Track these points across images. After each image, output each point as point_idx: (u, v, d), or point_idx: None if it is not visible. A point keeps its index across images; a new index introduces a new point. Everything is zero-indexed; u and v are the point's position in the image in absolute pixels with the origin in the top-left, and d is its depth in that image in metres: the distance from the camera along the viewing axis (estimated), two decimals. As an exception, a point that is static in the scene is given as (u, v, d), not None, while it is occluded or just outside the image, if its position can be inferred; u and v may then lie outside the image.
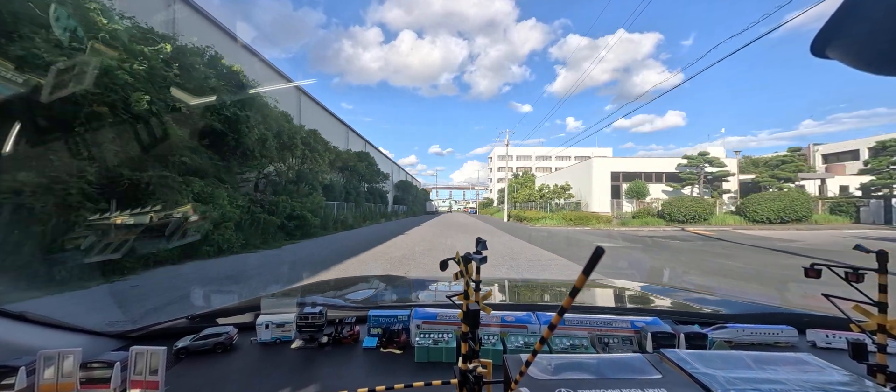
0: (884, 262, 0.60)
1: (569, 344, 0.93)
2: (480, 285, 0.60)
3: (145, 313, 3.94)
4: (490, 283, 1.73)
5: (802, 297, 5.05)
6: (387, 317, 1.05)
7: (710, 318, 1.19)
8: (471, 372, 0.55)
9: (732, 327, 1.04)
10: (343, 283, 2.04)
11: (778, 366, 0.57)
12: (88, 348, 0.87)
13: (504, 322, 1.01)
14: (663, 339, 0.91)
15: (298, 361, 0.92)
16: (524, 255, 8.79)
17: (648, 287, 1.84)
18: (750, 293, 5.26)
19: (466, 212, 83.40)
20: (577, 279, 0.37)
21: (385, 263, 7.56)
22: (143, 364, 0.73)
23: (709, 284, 5.88)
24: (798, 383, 0.51)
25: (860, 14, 0.38)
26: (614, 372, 0.55)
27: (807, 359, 0.60)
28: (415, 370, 0.87)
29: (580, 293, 0.37)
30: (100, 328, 0.98)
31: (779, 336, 1.03)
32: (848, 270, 0.63)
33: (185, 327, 1.10)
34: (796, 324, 1.07)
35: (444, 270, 0.64)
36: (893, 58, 0.39)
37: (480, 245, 0.61)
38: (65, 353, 0.71)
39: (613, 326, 1.00)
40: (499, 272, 6.61)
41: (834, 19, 0.40)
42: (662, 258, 8.67)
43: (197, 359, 0.94)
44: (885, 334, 0.60)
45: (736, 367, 0.56)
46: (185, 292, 4.85)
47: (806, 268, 0.70)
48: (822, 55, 0.44)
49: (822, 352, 1.00)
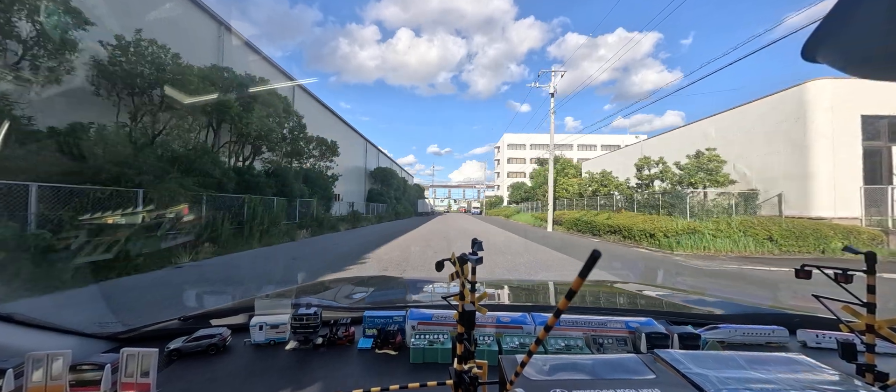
0: (872, 264, 0.61)
1: (564, 345, 0.93)
2: (476, 286, 0.60)
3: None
4: (486, 283, 1.73)
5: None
6: (382, 318, 1.04)
7: (703, 318, 1.21)
8: (466, 373, 0.55)
9: (725, 328, 1.05)
10: (338, 284, 2.03)
11: (769, 366, 0.58)
12: (78, 350, 0.86)
13: (500, 323, 1.01)
14: (657, 340, 0.92)
15: (293, 363, 0.92)
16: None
17: (642, 287, 1.85)
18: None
19: (463, 212, 74.20)
20: (574, 282, 0.37)
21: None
22: (135, 366, 0.72)
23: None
24: (789, 383, 0.52)
25: (848, 20, 0.39)
26: (609, 372, 0.56)
27: (798, 359, 0.61)
28: (410, 371, 0.87)
29: (575, 294, 0.38)
30: (90, 330, 0.97)
31: (770, 336, 1.04)
32: (837, 271, 0.64)
33: (177, 328, 1.09)
34: (787, 324, 1.09)
35: (440, 271, 0.64)
36: (878, 63, 0.40)
37: (476, 246, 0.62)
38: (54, 355, 0.70)
39: (608, 327, 1.00)
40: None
41: (823, 25, 0.41)
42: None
43: (190, 360, 0.93)
44: (873, 334, 0.61)
45: (728, 368, 0.57)
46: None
47: (797, 269, 0.71)
48: (812, 60, 0.45)
49: (812, 352, 1.02)
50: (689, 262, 8.41)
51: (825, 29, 0.41)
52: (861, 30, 0.38)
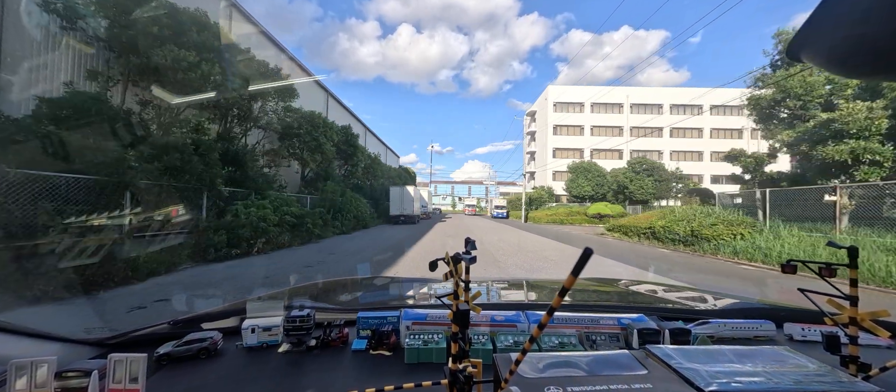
0: (854, 258, 0.63)
1: (557, 342, 0.94)
2: (470, 285, 0.61)
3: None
4: (480, 283, 1.74)
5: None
6: (376, 318, 1.04)
7: (693, 313, 1.23)
8: (461, 372, 0.55)
9: (714, 322, 1.07)
10: (331, 286, 2.01)
11: (757, 359, 0.59)
12: (64, 357, 0.84)
13: (494, 322, 1.01)
14: (649, 336, 0.93)
15: (286, 365, 0.91)
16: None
17: (634, 284, 1.87)
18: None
19: (473, 213, 53.07)
20: (566, 279, 0.37)
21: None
22: (123, 372, 0.70)
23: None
24: (776, 375, 0.53)
25: (830, 20, 0.40)
26: (602, 369, 0.56)
27: (784, 352, 0.63)
28: (405, 371, 0.87)
29: (568, 291, 0.38)
30: (76, 336, 0.94)
31: (758, 330, 1.07)
32: (821, 266, 0.66)
33: (166, 333, 1.07)
34: (774, 318, 1.11)
35: (434, 271, 0.64)
36: (855, 62, 0.42)
37: (470, 245, 0.62)
38: (38, 362, 0.68)
39: (600, 324, 1.01)
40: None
41: (806, 26, 0.42)
42: None
43: (180, 365, 0.91)
44: (856, 326, 0.63)
45: (718, 362, 0.58)
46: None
47: (783, 264, 0.73)
48: (797, 58, 0.46)
49: (798, 344, 1.04)
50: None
51: (809, 28, 0.42)
52: (843, 29, 0.39)
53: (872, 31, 0.37)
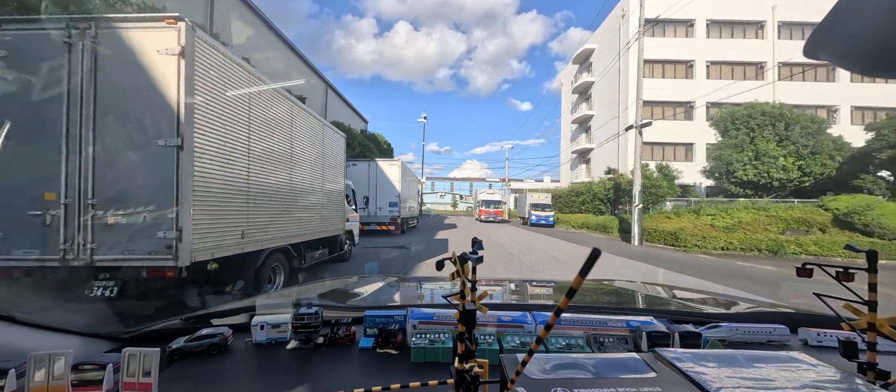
0: (873, 262, 0.61)
1: (564, 343, 0.93)
2: (477, 285, 0.60)
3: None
4: (487, 283, 1.74)
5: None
6: (383, 317, 1.04)
7: (704, 316, 1.20)
8: (467, 372, 0.55)
9: (726, 326, 1.05)
10: (339, 284, 2.03)
11: (770, 364, 0.58)
12: (80, 350, 0.86)
13: (500, 322, 1.01)
14: (658, 339, 0.92)
15: (294, 362, 0.92)
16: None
17: (643, 286, 1.85)
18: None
19: (486, 217, 25.76)
20: (574, 280, 0.37)
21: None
22: (136, 366, 0.72)
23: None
24: (790, 381, 0.52)
25: (849, 18, 0.39)
26: (610, 371, 0.56)
27: (798, 357, 0.61)
28: (411, 370, 0.87)
29: (576, 292, 0.38)
30: (92, 330, 0.97)
31: (771, 334, 1.04)
32: (838, 270, 0.64)
33: (178, 328, 1.09)
34: (788, 322, 1.09)
35: (441, 270, 0.64)
36: (879, 60, 0.40)
37: (476, 245, 0.61)
38: (56, 355, 0.70)
39: (609, 326, 1.00)
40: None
41: (825, 23, 0.41)
42: None
43: (191, 360, 0.93)
44: (875, 332, 0.61)
45: (729, 366, 0.57)
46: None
47: (798, 267, 0.71)
48: (813, 56, 0.45)
49: (813, 350, 1.02)
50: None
51: (826, 26, 0.41)
52: (861, 27, 0.38)
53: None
